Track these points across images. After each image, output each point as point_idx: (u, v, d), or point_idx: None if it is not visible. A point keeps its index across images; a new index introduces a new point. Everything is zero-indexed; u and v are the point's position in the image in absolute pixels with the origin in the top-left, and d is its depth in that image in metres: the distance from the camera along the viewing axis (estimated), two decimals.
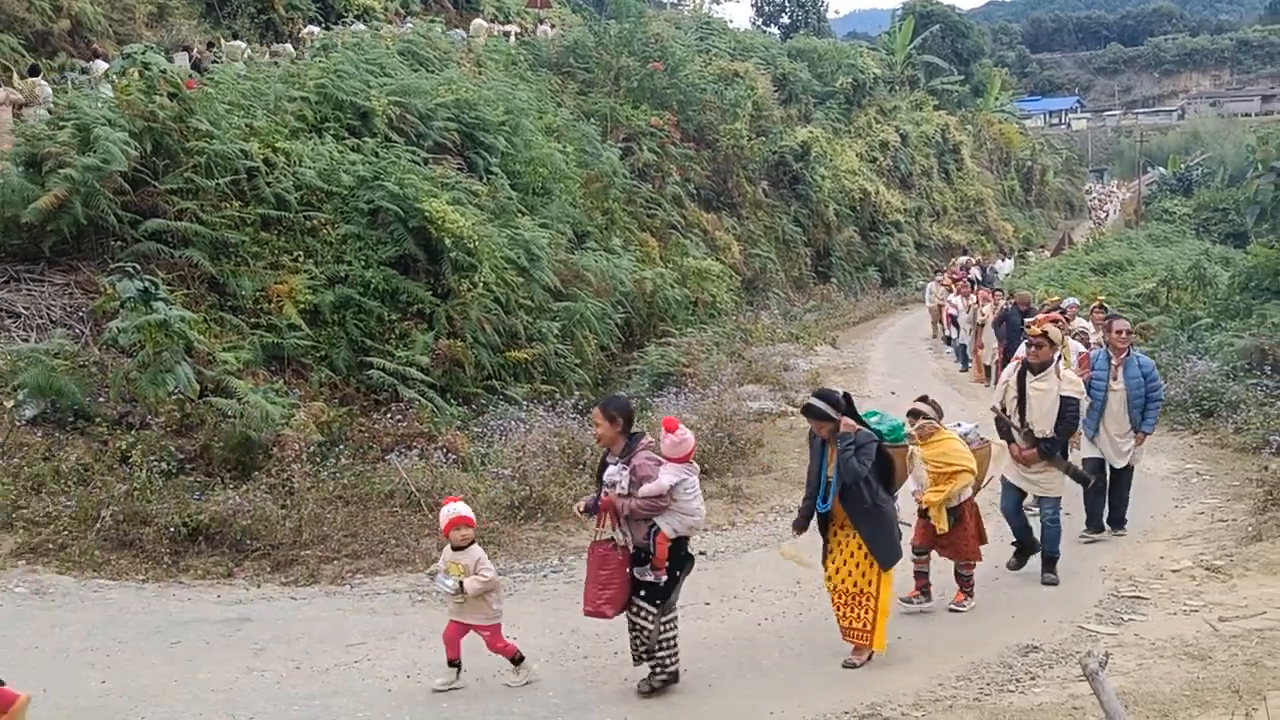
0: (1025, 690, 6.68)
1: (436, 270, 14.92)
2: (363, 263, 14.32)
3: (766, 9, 64.82)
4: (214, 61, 19.05)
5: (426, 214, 14.73)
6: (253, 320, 13.15)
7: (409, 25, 25.75)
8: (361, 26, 24.41)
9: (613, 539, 6.65)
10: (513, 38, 29.93)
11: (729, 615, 8.42)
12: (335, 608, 8.70)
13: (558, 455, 12.22)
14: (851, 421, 7.12)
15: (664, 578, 6.69)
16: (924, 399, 8.41)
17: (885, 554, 7.16)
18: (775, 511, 11.69)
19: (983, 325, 19.50)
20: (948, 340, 24.68)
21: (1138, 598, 8.41)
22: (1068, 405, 8.79)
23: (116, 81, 14.66)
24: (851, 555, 7.19)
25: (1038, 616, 8.09)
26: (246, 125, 14.97)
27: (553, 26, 33.02)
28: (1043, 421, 8.82)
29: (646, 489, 6.53)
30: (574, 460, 12.26)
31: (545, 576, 9.62)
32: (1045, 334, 8.94)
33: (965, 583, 8.43)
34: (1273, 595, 7.97)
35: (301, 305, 13.44)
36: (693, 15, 45.10)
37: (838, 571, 7.24)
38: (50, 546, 9.15)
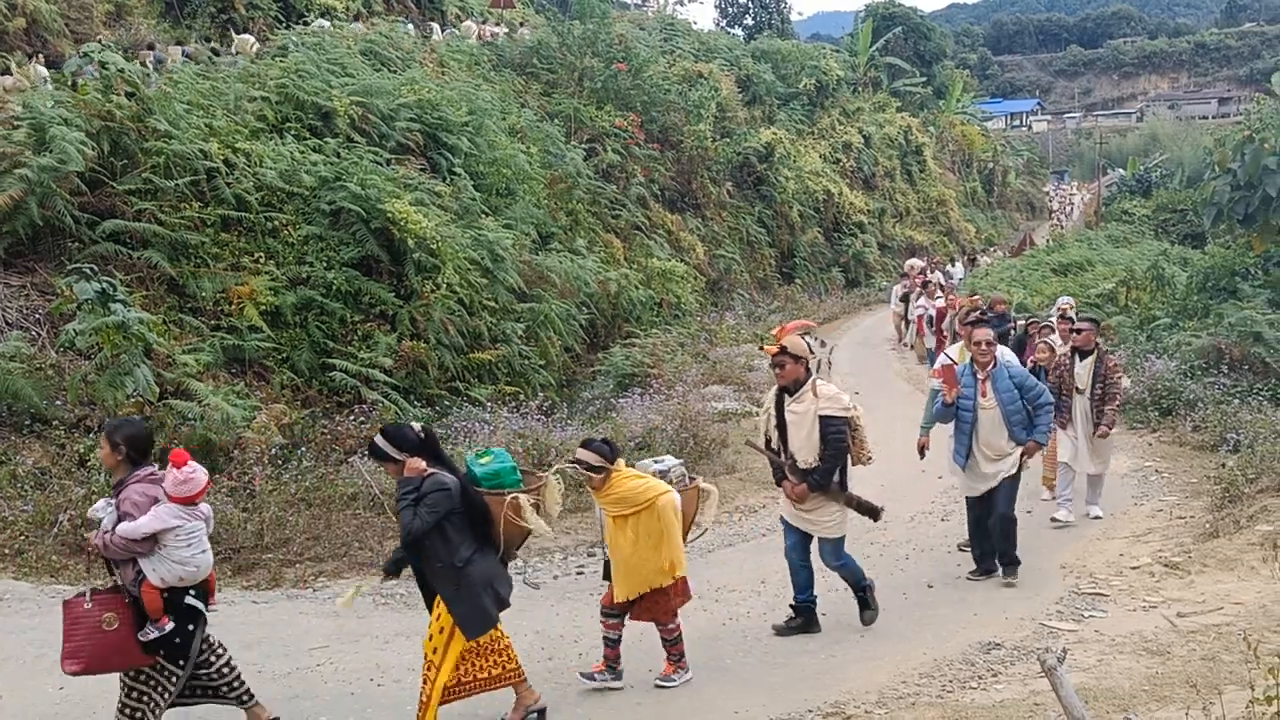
0: (987, 687, 6.73)
1: (399, 271, 14.87)
2: (325, 264, 14.24)
3: (730, 10, 64.91)
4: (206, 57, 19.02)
5: (389, 215, 14.67)
6: (213, 322, 13.06)
7: (409, 26, 26.07)
8: (361, 27, 24.43)
9: (84, 594, 5.69)
10: (502, 38, 30.10)
11: (694, 615, 8.41)
12: (298, 611, 8.64)
13: (522, 456, 12.18)
14: (419, 464, 6.00)
15: (168, 626, 5.68)
16: (587, 443, 6.90)
17: (468, 621, 6.05)
18: (740, 511, 11.74)
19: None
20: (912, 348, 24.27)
21: (1098, 594, 8.48)
22: (828, 426, 7.47)
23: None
24: (438, 617, 6.16)
25: (1000, 614, 8.15)
26: (206, 125, 14.85)
27: (535, 28, 33.19)
28: (805, 450, 7.55)
29: (121, 528, 5.57)
30: (538, 461, 12.23)
31: None
32: (785, 349, 7.51)
33: (671, 648, 7.02)
34: (1229, 591, 8.07)
35: (263, 307, 13.36)
36: (656, 16, 45.10)
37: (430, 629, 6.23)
38: (7, 552, 9.04)
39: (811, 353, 7.83)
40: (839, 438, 7.52)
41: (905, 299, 24.76)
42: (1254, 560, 8.53)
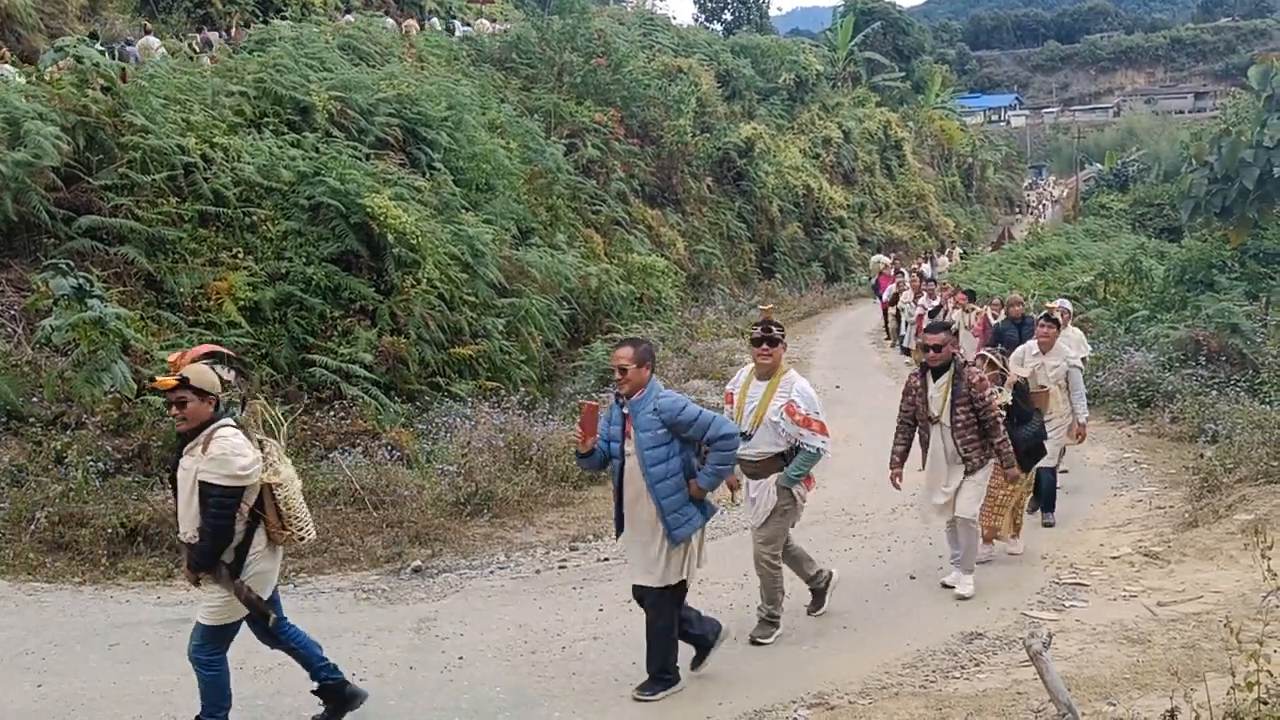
0: (970, 676, 6.74)
1: (379, 266, 14.80)
2: (304, 259, 14.16)
3: (709, 5, 65.03)
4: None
5: (369, 210, 14.59)
6: (191, 318, 12.96)
7: (432, 21, 26.13)
8: (386, 22, 24.45)
9: None
10: (511, 32, 30.32)
11: None
12: None
13: (503, 451, 12.20)
14: None
15: None
16: None
17: None
18: (723, 505, 11.72)
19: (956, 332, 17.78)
20: (906, 351, 22.51)
21: (1079, 584, 8.52)
22: (206, 494, 5.53)
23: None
24: None
25: (981, 604, 8.17)
26: (183, 120, 14.73)
27: (514, 23, 33.36)
28: (186, 518, 5.66)
29: None
30: (519, 456, 12.25)
31: (492, 573, 9.57)
32: (186, 382, 5.63)
33: None
34: (1209, 580, 8.12)
35: (241, 302, 13.26)
36: (635, 11, 45.07)
37: None
38: None
39: (226, 386, 5.92)
40: (218, 511, 5.56)
41: (895, 299, 24.58)
42: (1233, 549, 8.58)
